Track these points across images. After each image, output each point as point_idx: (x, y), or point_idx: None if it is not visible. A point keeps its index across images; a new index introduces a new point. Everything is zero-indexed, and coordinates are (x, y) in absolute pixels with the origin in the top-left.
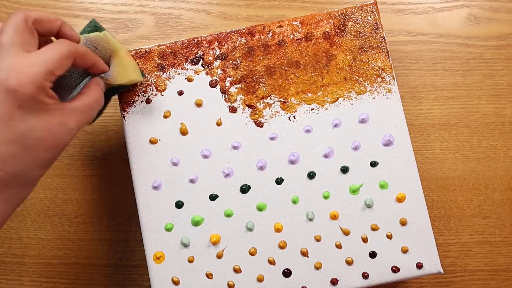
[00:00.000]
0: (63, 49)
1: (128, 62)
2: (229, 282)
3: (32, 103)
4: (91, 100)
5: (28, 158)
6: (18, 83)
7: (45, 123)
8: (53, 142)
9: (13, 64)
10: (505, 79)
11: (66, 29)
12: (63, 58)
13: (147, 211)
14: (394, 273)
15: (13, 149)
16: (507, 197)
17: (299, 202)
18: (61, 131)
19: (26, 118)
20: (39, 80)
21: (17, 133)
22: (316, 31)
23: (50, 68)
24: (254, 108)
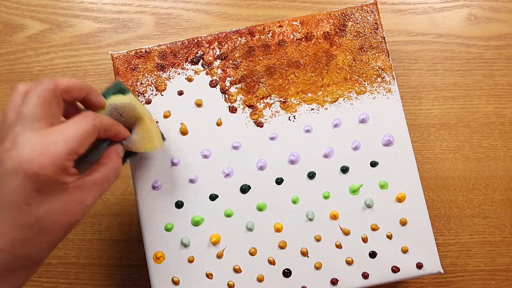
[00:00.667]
0: (88, 125)
1: (152, 129)
2: (229, 282)
3: (52, 186)
4: (110, 172)
5: (42, 241)
6: (40, 166)
7: (63, 204)
8: (69, 221)
9: (35, 143)
10: (505, 79)
11: (92, 95)
12: (88, 135)
13: (147, 211)
14: (394, 273)
15: (27, 235)
16: (507, 197)
17: (299, 202)
18: (78, 210)
19: (44, 201)
20: (61, 161)
21: (33, 218)
22: (316, 31)
23: (73, 147)
24: (254, 108)
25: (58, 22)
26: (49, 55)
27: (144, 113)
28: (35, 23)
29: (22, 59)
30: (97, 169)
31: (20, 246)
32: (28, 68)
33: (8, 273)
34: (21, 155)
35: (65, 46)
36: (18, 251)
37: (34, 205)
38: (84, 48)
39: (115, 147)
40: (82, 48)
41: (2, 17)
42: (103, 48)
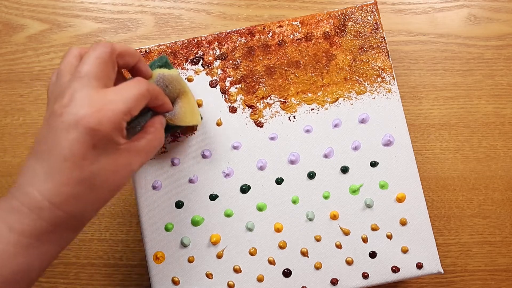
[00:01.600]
0: (142, 88)
1: (194, 105)
2: (229, 282)
3: (107, 143)
4: (155, 140)
5: (91, 199)
6: (99, 122)
7: (113, 164)
8: (117, 183)
9: (93, 100)
10: (505, 79)
11: (142, 64)
12: (142, 98)
13: (147, 211)
14: (394, 273)
15: (79, 190)
16: (507, 197)
17: (299, 202)
18: (125, 172)
19: (98, 158)
20: (118, 120)
21: (87, 174)
22: (316, 31)
23: (129, 107)
24: (254, 108)
25: (58, 22)
26: (49, 55)
27: (187, 87)
28: (35, 23)
29: (22, 59)
30: (143, 136)
31: (72, 202)
32: (28, 68)
33: (58, 230)
34: (80, 111)
35: (65, 46)
36: (70, 208)
37: (89, 161)
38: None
39: (159, 118)
40: None
41: (2, 17)
42: None
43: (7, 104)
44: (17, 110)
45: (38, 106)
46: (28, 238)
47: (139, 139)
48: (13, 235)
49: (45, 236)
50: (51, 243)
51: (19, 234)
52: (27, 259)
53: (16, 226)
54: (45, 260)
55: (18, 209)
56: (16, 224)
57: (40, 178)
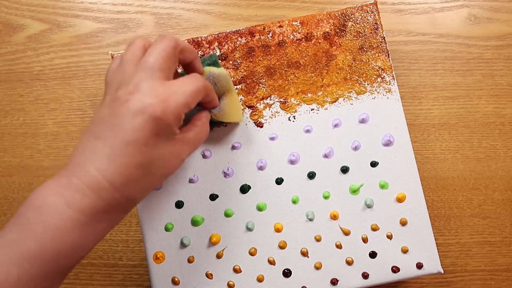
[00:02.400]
0: (200, 84)
1: (238, 104)
2: (229, 282)
3: (167, 132)
4: (202, 133)
5: (146, 184)
6: (163, 112)
7: (168, 153)
8: (169, 171)
9: (158, 90)
10: (505, 79)
11: (197, 61)
12: (199, 93)
13: (147, 211)
14: (394, 273)
15: (137, 174)
16: (507, 197)
17: (299, 202)
18: (176, 161)
19: (157, 146)
20: (180, 111)
21: (147, 159)
22: (316, 31)
23: (188, 100)
24: (254, 108)
25: (58, 22)
26: (49, 55)
27: (233, 86)
28: (35, 23)
29: (22, 59)
30: (191, 128)
31: (130, 186)
32: (28, 68)
33: (113, 211)
34: (146, 99)
35: (65, 46)
36: (127, 191)
37: (150, 147)
38: (84, 48)
39: (205, 112)
40: (82, 48)
41: (2, 17)
42: (103, 48)
43: (7, 104)
44: (17, 110)
45: (38, 106)
46: (86, 217)
47: (188, 131)
48: (72, 212)
49: (101, 215)
50: (105, 223)
51: (78, 212)
52: (82, 236)
53: (75, 203)
54: (97, 239)
55: (78, 187)
56: (75, 202)
57: (101, 158)
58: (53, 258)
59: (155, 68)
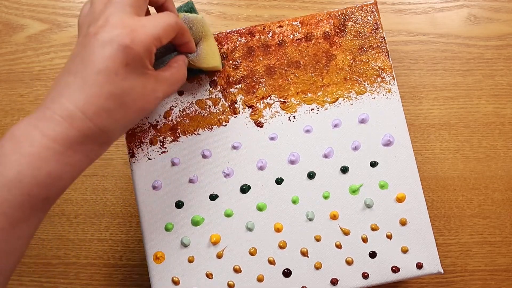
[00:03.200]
0: (172, 20)
1: (215, 49)
2: (229, 282)
3: (138, 64)
4: (179, 74)
5: (119, 116)
6: (132, 41)
7: (142, 86)
8: (143, 106)
9: (127, 22)
10: (505, 79)
11: (170, 3)
12: (171, 28)
13: (147, 211)
14: (394, 273)
15: (109, 104)
16: (507, 197)
17: (299, 202)
18: (151, 97)
19: (129, 77)
20: (149, 42)
21: (118, 90)
22: (316, 31)
23: (159, 34)
24: (254, 108)
25: (58, 22)
26: (49, 55)
27: (210, 31)
28: (35, 23)
29: (22, 59)
30: (167, 69)
31: (103, 115)
32: (28, 68)
33: (88, 141)
34: (115, 29)
35: (65, 46)
36: (100, 121)
37: (121, 77)
38: None
39: (182, 56)
40: None
41: (2, 17)
42: None
43: (7, 104)
44: (17, 110)
45: (38, 106)
46: (60, 146)
47: (164, 70)
48: (47, 140)
49: (76, 145)
50: (81, 154)
51: (52, 141)
52: (59, 166)
53: (49, 133)
54: (75, 171)
55: (51, 118)
56: (49, 131)
57: (74, 90)
58: (30, 184)
59: (125, 3)
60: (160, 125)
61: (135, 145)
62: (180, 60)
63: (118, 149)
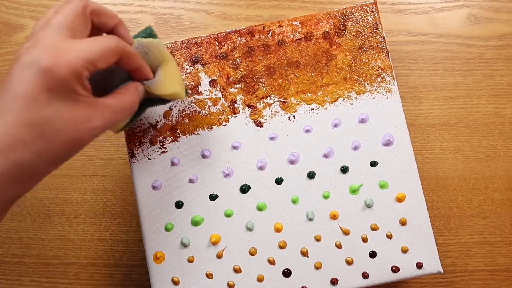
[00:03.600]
0: (111, 43)
1: (176, 75)
2: (229, 282)
3: (63, 89)
4: (125, 102)
5: (41, 148)
6: (54, 63)
7: (70, 114)
8: (73, 137)
9: (55, 44)
10: (505, 79)
11: (121, 28)
12: (109, 52)
13: (147, 211)
14: (394, 273)
15: (27, 135)
16: (507, 197)
17: (299, 202)
18: (84, 127)
19: (52, 103)
20: (77, 66)
21: (38, 118)
22: (316, 31)
23: (92, 58)
24: (254, 108)
25: None
26: None
27: (170, 57)
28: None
29: None
30: (112, 95)
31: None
32: None
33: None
34: (38, 52)
35: None
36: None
37: (41, 103)
38: None
39: (135, 83)
40: None
41: (2, 17)
42: None
43: None
44: None
45: None
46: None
47: (107, 97)
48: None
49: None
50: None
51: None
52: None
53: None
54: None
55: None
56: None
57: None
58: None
59: (60, 26)
60: (159, 125)
61: (135, 145)
62: (131, 86)
63: (118, 149)
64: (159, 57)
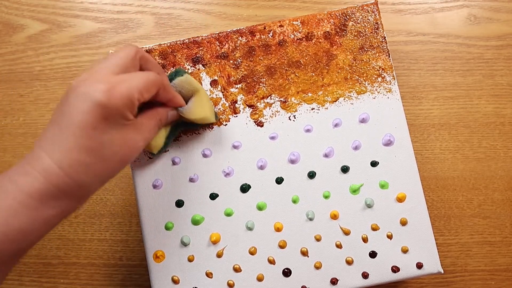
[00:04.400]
0: (152, 76)
1: (206, 102)
2: (229, 281)
3: (117, 117)
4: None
5: (99, 170)
6: (109, 95)
7: (122, 138)
8: (124, 158)
9: (109, 78)
10: (505, 79)
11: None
12: (153, 84)
13: (148, 210)
14: (394, 273)
15: (88, 159)
16: (507, 197)
17: (299, 202)
18: (133, 148)
19: (107, 130)
20: (130, 97)
21: (96, 143)
22: (316, 31)
23: (140, 87)
24: (255, 107)
25: (58, 22)
26: (49, 55)
27: (200, 87)
28: (35, 23)
29: (22, 59)
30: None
31: (80, 170)
32: (28, 68)
33: (64, 197)
34: (95, 84)
35: (65, 46)
36: (78, 176)
37: (99, 131)
38: (84, 48)
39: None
40: (82, 48)
41: (2, 17)
42: (103, 48)
43: (7, 104)
44: (17, 110)
45: (38, 106)
46: (35, 201)
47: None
48: (20, 195)
49: (50, 201)
50: (56, 209)
51: (27, 196)
52: (30, 220)
53: (25, 188)
54: (47, 226)
55: (29, 172)
56: (25, 185)
57: (53, 143)
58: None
59: (114, 65)
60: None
61: None
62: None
63: None
64: (191, 90)
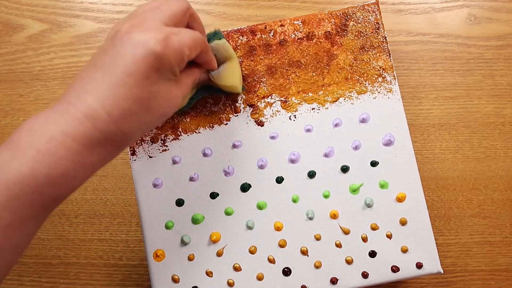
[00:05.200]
0: (199, 35)
1: (237, 71)
2: (229, 281)
3: (167, 71)
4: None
5: (143, 120)
6: (166, 48)
7: (168, 91)
8: (166, 111)
9: (163, 29)
10: (505, 79)
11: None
12: (200, 42)
13: (148, 209)
14: (394, 273)
15: (135, 108)
16: (507, 197)
17: (299, 201)
18: (174, 102)
19: (157, 82)
20: (181, 50)
21: (146, 93)
22: (317, 31)
23: (190, 44)
24: (255, 107)
25: (58, 22)
26: (49, 55)
27: (235, 55)
28: (35, 23)
29: (22, 59)
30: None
31: (127, 119)
32: (28, 68)
33: (107, 144)
34: (149, 32)
35: (65, 46)
36: (124, 124)
37: (150, 82)
38: (84, 48)
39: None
40: (82, 48)
41: (2, 17)
42: None
43: (7, 104)
44: (17, 110)
45: (38, 106)
46: (79, 146)
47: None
48: (65, 138)
49: (95, 147)
50: (99, 155)
51: (72, 140)
52: (75, 166)
53: (69, 132)
54: (89, 172)
55: (74, 115)
56: (70, 130)
57: (101, 89)
58: (43, 184)
59: (166, 14)
60: (161, 123)
61: (136, 143)
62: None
63: None
64: (225, 55)
